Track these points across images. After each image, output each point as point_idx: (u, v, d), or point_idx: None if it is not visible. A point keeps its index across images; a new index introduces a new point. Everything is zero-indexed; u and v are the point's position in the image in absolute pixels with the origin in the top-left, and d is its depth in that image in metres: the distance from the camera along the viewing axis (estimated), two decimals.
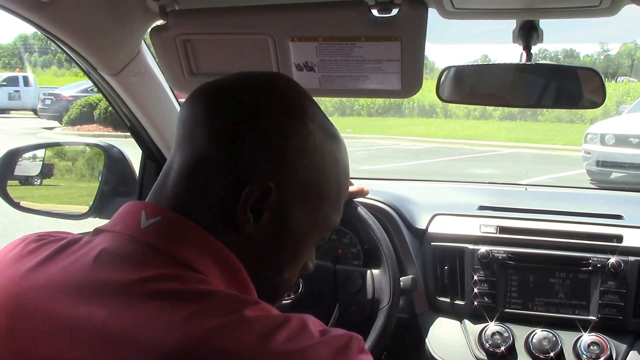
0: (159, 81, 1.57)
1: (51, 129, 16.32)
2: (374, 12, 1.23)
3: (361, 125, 17.36)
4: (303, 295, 1.49)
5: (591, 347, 1.47)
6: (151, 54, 1.52)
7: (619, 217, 1.70)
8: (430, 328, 1.62)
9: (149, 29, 1.40)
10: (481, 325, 1.56)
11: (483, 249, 1.59)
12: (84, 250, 0.75)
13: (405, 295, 1.54)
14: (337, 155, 0.85)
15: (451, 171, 10.46)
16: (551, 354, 1.48)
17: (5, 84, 20.47)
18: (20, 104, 20.48)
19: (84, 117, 16.03)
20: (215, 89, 0.81)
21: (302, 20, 1.29)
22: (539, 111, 16.75)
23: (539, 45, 1.32)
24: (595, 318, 1.52)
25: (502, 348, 1.50)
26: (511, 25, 1.30)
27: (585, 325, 1.51)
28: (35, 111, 18.78)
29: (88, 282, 0.71)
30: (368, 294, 1.47)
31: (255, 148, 0.76)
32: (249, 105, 0.78)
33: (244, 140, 0.76)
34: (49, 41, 1.31)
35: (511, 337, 1.52)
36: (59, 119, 17.05)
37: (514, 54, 1.34)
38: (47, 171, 1.92)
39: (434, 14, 1.24)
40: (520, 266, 1.58)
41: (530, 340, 1.51)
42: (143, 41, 1.47)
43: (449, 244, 1.64)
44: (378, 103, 19.71)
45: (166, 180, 0.79)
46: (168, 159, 0.82)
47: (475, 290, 1.58)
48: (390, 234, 1.62)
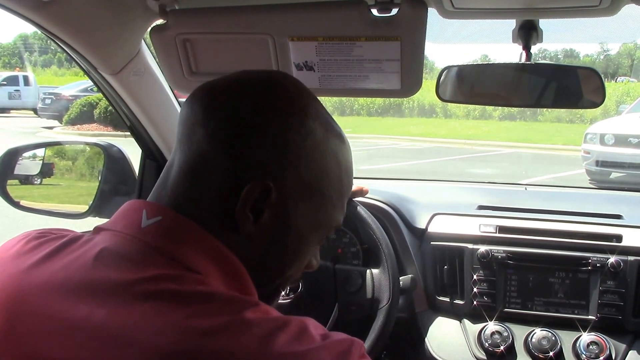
0: (158, 80, 1.57)
1: (51, 128, 16.32)
2: (374, 12, 1.24)
3: (361, 125, 17.36)
4: (302, 294, 1.49)
5: (590, 347, 1.47)
6: (151, 53, 1.52)
7: (618, 217, 1.70)
8: (430, 327, 1.62)
9: (149, 29, 1.40)
10: (480, 325, 1.56)
11: (482, 248, 1.59)
12: (85, 248, 0.75)
13: (404, 294, 1.55)
14: (340, 154, 0.84)
15: (451, 171, 10.46)
16: (550, 354, 1.48)
17: (5, 83, 20.45)
18: (20, 103, 20.47)
19: (84, 117, 16.02)
20: (214, 88, 0.81)
21: (302, 19, 1.29)
22: (538, 111, 16.75)
23: (539, 45, 1.32)
24: (594, 318, 1.52)
25: (502, 347, 1.51)
26: (511, 25, 1.31)
27: (584, 325, 1.52)
28: (35, 110, 18.78)
29: (88, 281, 0.70)
30: (367, 293, 1.47)
31: (254, 147, 0.75)
32: (248, 104, 0.77)
33: (243, 139, 0.75)
34: (49, 40, 1.31)
35: (510, 337, 1.52)
36: (59, 118, 17.05)
37: (514, 54, 1.34)
38: (47, 170, 1.92)
39: (434, 14, 1.24)
40: (519, 266, 1.58)
41: (529, 339, 1.51)
42: (143, 40, 1.47)
43: (449, 243, 1.64)
44: (378, 103, 19.71)
45: (167, 179, 0.79)
46: (169, 158, 0.82)
47: (475, 289, 1.58)
48: (390, 233, 1.62)
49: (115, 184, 1.75)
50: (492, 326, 1.54)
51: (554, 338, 1.50)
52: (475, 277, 1.58)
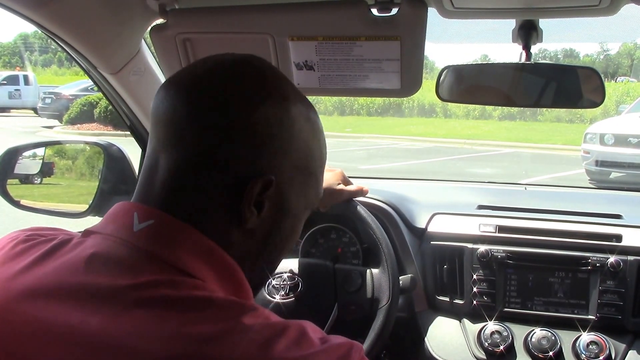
0: (158, 80, 1.57)
1: (51, 127, 16.33)
2: (374, 12, 1.24)
3: (361, 125, 17.37)
4: (302, 294, 1.49)
5: (590, 347, 1.47)
6: (151, 52, 1.52)
7: (618, 217, 1.70)
8: (430, 327, 1.62)
9: (149, 28, 1.40)
10: (480, 325, 1.56)
11: (482, 248, 1.59)
12: (75, 252, 0.73)
13: (404, 294, 1.54)
14: (317, 129, 0.84)
15: (451, 170, 10.46)
16: (550, 354, 1.48)
17: (5, 82, 20.48)
18: (20, 103, 20.48)
19: (84, 116, 16.03)
20: (194, 82, 0.78)
21: (302, 19, 1.29)
22: (538, 111, 16.75)
23: (539, 45, 1.32)
24: (594, 317, 1.52)
25: (501, 347, 1.50)
26: (511, 24, 1.31)
27: (584, 325, 1.51)
28: (35, 110, 18.79)
29: (80, 287, 0.69)
30: (367, 293, 1.47)
31: (248, 142, 0.74)
32: (234, 101, 0.75)
33: (234, 138, 0.74)
34: (49, 40, 1.31)
35: (510, 337, 1.52)
36: (59, 117, 17.06)
37: (514, 54, 1.34)
38: (47, 170, 1.92)
39: (434, 13, 1.24)
40: (519, 265, 1.58)
41: (529, 339, 1.51)
42: (143, 40, 1.47)
43: (449, 243, 1.64)
44: (377, 102, 19.71)
45: (153, 181, 0.77)
46: (147, 159, 0.79)
47: (475, 289, 1.58)
48: (390, 233, 1.62)
49: (115, 183, 1.75)
50: (492, 326, 1.54)
51: (553, 338, 1.50)
52: (475, 277, 1.58)
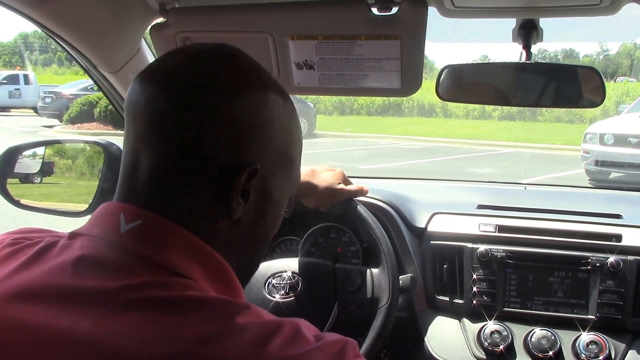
0: None
1: (51, 127, 16.33)
2: (374, 11, 1.24)
3: (361, 125, 17.37)
4: (302, 293, 1.49)
5: (590, 346, 1.47)
6: (151, 51, 1.52)
7: (618, 217, 1.70)
8: (429, 327, 1.62)
9: (149, 27, 1.40)
10: (480, 324, 1.56)
11: (482, 247, 1.59)
12: (63, 256, 0.72)
13: (404, 293, 1.54)
14: (294, 115, 0.84)
15: (450, 170, 10.46)
16: (550, 353, 1.48)
17: (5, 82, 20.47)
18: (20, 102, 20.48)
19: (84, 115, 16.02)
20: (171, 73, 0.76)
21: (302, 18, 1.29)
22: (538, 111, 16.76)
23: (539, 45, 1.32)
24: (594, 317, 1.52)
25: (501, 347, 1.50)
26: (511, 24, 1.31)
27: (584, 325, 1.51)
28: (35, 109, 18.78)
29: (68, 290, 0.68)
30: (367, 292, 1.47)
31: (229, 131, 0.74)
32: (214, 91, 0.74)
33: (217, 129, 0.73)
34: (49, 40, 1.31)
35: (510, 336, 1.52)
36: (59, 117, 17.06)
37: (514, 53, 1.34)
38: (47, 169, 1.92)
39: (434, 13, 1.24)
40: (519, 265, 1.58)
41: (529, 339, 1.51)
42: (143, 39, 1.47)
43: (448, 242, 1.64)
44: (377, 102, 19.72)
45: (135, 180, 0.76)
46: (126, 156, 0.78)
47: (474, 289, 1.58)
48: (390, 232, 1.62)
49: (115, 182, 1.72)
50: (492, 325, 1.54)
51: (553, 337, 1.50)
52: (474, 277, 1.58)
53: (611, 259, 1.52)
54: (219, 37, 1.36)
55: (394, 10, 1.23)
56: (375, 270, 1.49)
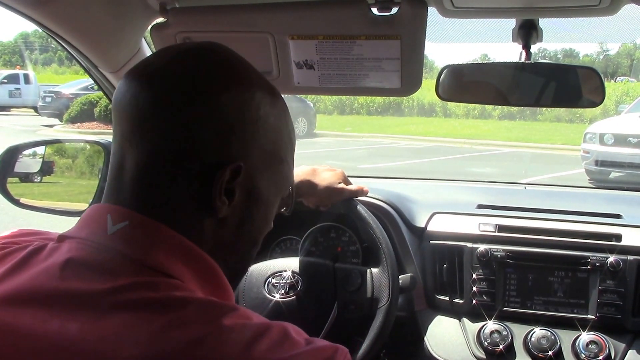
0: None
1: (51, 126, 16.33)
2: (374, 11, 1.24)
3: (360, 124, 17.37)
4: (302, 293, 1.49)
5: (590, 346, 1.47)
6: (152, 51, 1.52)
7: (617, 217, 1.70)
8: (429, 326, 1.62)
9: (150, 27, 1.40)
10: (480, 324, 1.56)
11: (482, 247, 1.59)
12: (51, 259, 0.71)
13: (404, 293, 1.54)
14: (284, 113, 0.83)
15: (450, 170, 10.46)
16: (550, 353, 1.48)
17: (6, 81, 20.47)
18: (20, 102, 20.47)
19: (85, 115, 16.02)
20: (156, 71, 0.76)
21: (302, 18, 1.29)
22: (538, 110, 16.75)
23: (539, 45, 1.33)
24: (594, 317, 1.52)
25: (501, 347, 1.50)
26: (511, 24, 1.31)
27: (584, 324, 1.51)
28: (35, 109, 18.77)
29: (56, 294, 0.67)
30: (367, 292, 1.47)
31: (214, 129, 0.73)
32: (199, 88, 0.74)
33: (201, 126, 0.72)
34: (49, 39, 1.31)
35: (510, 336, 1.52)
36: (60, 116, 17.06)
37: (514, 53, 1.35)
38: (47, 168, 1.92)
39: (434, 13, 1.24)
40: (519, 265, 1.58)
41: (528, 339, 1.51)
42: (144, 39, 1.47)
43: (448, 242, 1.64)
44: (377, 102, 19.72)
45: (121, 181, 0.75)
46: (114, 156, 0.77)
47: (474, 288, 1.58)
48: (390, 232, 1.62)
49: None
50: (492, 325, 1.54)
51: (553, 337, 1.50)
52: (474, 276, 1.58)
53: (611, 258, 1.52)
54: (220, 37, 1.36)
55: (394, 10, 1.23)
56: (375, 270, 1.49)
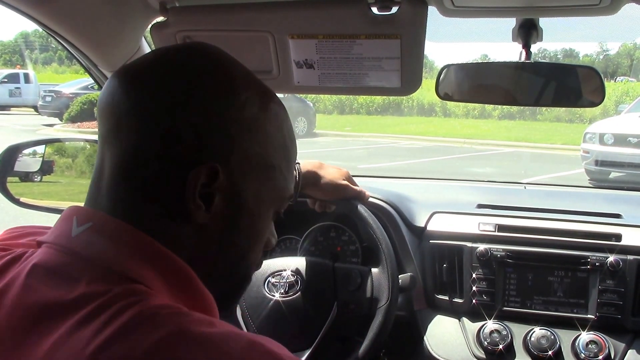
0: None
1: (52, 125, 16.34)
2: (374, 10, 1.24)
3: (360, 124, 17.37)
4: (302, 292, 1.49)
5: (589, 346, 1.47)
6: (151, 50, 1.52)
7: (617, 216, 1.70)
8: (429, 326, 1.62)
9: (150, 26, 1.40)
10: (479, 324, 1.56)
11: (482, 247, 1.59)
12: (22, 265, 0.69)
13: (403, 293, 1.54)
14: (279, 118, 0.79)
15: (450, 169, 10.46)
16: (549, 353, 1.48)
17: (6, 80, 20.47)
18: (20, 101, 20.46)
19: (85, 114, 16.02)
20: (134, 72, 0.74)
21: (302, 17, 1.29)
22: (538, 110, 16.76)
23: (539, 45, 1.32)
24: (593, 317, 1.52)
25: (501, 346, 1.50)
26: (511, 23, 1.31)
27: (583, 324, 1.51)
28: (35, 108, 18.77)
29: (26, 307, 0.64)
30: (367, 292, 1.47)
31: (192, 130, 0.69)
32: (177, 86, 0.71)
33: (178, 124, 0.69)
34: (49, 38, 1.31)
35: (509, 336, 1.52)
36: (60, 115, 17.07)
37: (514, 53, 1.35)
38: (47, 168, 1.92)
39: (434, 12, 1.24)
40: (518, 264, 1.58)
41: (528, 338, 1.51)
42: (144, 38, 1.47)
43: (448, 242, 1.64)
44: (377, 101, 19.72)
45: (100, 182, 0.72)
46: (97, 158, 0.74)
47: (474, 288, 1.58)
48: (389, 231, 1.62)
49: None
50: (491, 325, 1.54)
51: (553, 337, 1.50)
52: (474, 276, 1.58)
53: (611, 258, 1.52)
54: (219, 36, 1.36)
55: (394, 9, 1.23)
56: (374, 270, 1.49)
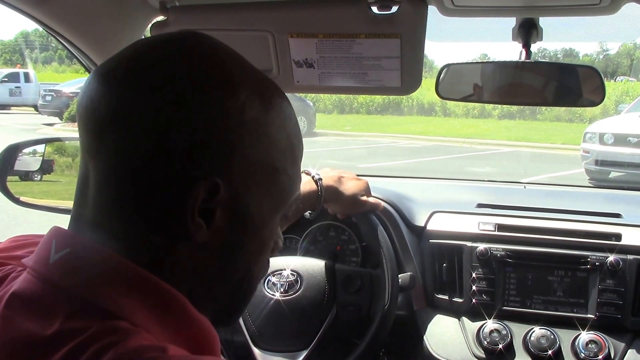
0: None
1: (52, 125, 16.32)
2: (374, 9, 1.24)
3: (360, 123, 17.36)
4: (301, 291, 1.49)
5: (589, 346, 1.47)
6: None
7: (617, 216, 1.70)
8: (429, 325, 1.62)
9: (150, 25, 1.40)
10: (479, 323, 1.56)
11: (481, 246, 1.59)
12: (2, 292, 0.63)
13: (403, 292, 1.55)
14: (282, 116, 0.69)
15: (450, 169, 10.46)
16: (549, 352, 1.48)
17: (6, 80, 20.48)
18: (21, 100, 20.46)
19: None
20: (118, 70, 0.64)
21: (302, 16, 1.29)
22: (537, 110, 16.75)
23: (539, 44, 1.33)
24: (593, 316, 1.52)
25: (500, 346, 1.50)
26: (511, 23, 1.31)
27: (583, 324, 1.51)
28: (35, 107, 18.77)
29: (5, 343, 0.58)
30: (366, 292, 1.47)
31: (187, 140, 0.60)
32: (167, 89, 0.61)
33: (170, 135, 0.60)
34: (50, 38, 1.32)
35: (509, 335, 1.52)
36: (60, 115, 17.05)
37: (514, 53, 1.35)
38: (47, 167, 1.92)
39: (434, 12, 1.24)
40: (518, 264, 1.58)
41: (528, 338, 1.51)
42: (144, 37, 1.47)
43: (448, 241, 1.64)
44: (377, 101, 19.71)
45: (85, 198, 0.64)
46: (80, 167, 0.66)
47: (474, 287, 1.58)
48: (389, 231, 1.62)
49: None
50: (491, 324, 1.54)
51: (552, 337, 1.50)
52: (474, 275, 1.58)
53: (611, 258, 1.52)
54: (219, 36, 1.34)
55: (394, 9, 1.23)
56: (374, 272, 1.49)
